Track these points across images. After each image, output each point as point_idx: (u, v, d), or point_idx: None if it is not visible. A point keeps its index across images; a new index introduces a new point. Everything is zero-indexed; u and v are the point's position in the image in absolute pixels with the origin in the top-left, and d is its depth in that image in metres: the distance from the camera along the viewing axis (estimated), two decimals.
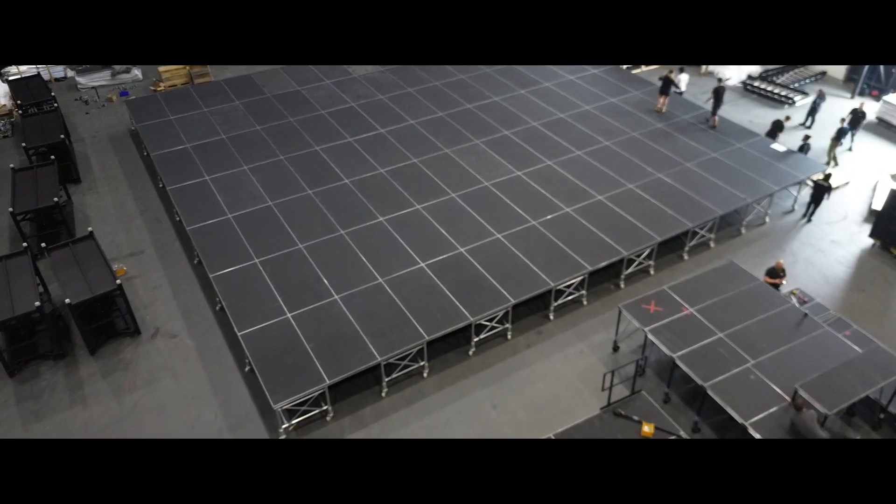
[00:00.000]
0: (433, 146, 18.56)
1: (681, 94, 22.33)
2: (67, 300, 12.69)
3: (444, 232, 15.22)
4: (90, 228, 14.90)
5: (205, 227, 15.46)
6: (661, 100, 20.22)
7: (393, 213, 15.89)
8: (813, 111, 21.55)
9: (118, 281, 13.17)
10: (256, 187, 16.84)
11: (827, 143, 19.79)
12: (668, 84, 20.07)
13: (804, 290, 14.48)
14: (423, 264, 14.28)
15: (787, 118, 20.00)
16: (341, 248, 14.76)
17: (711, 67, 24.62)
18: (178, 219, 16.84)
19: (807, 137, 19.18)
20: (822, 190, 17.01)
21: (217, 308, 14.54)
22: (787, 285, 14.31)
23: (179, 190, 16.74)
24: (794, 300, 13.58)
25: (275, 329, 12.69)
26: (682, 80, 22.60)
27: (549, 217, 15.66)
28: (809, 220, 17.28)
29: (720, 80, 20.02)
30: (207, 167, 17.65)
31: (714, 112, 19.56)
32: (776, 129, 19.64)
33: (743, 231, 16.84)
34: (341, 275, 13.99)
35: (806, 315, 12.47)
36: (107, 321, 13.74)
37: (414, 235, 15.13)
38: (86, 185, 18.84)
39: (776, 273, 14.15)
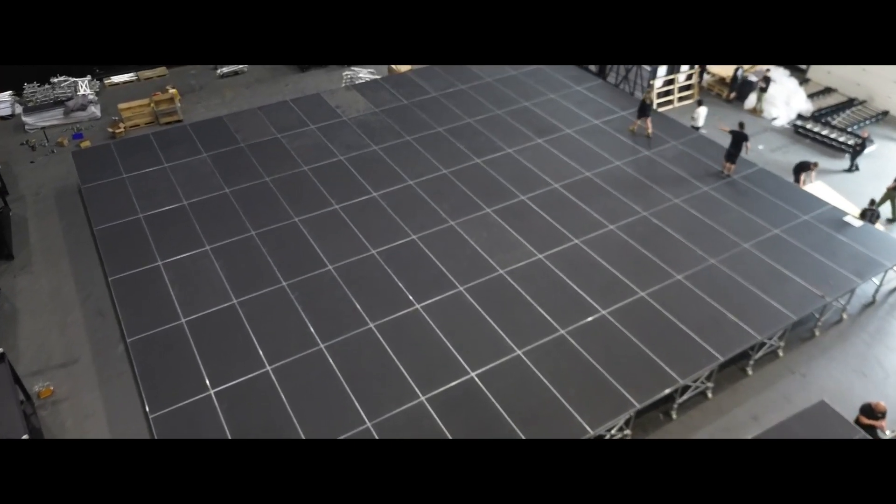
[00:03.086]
0: (436, 216, 15.42)
1: (697, 129, 19.49)
2: None
3: (449, 346, 12.12)
4: (1, 350, 11.77)
5: (151, 337, 12.35)
6: (638, 122, 18.43)
7: (386, 315, 12.78)
8: (855, 154, 18.61)
9: (25, 436, 10.08)
10: (219, 277, 13.71)
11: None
12: (645, 107, 18.15)
13: None
14: (423, 398, 11.19)
15: (816, 164, 17.75)
16: (320, 371, 11.67)
17: (763, 104, 21.37)
18: None
19: (872, 203, 16.12)
20: None
21: None
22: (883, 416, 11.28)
23: (124, 282, 13.60)
24: None
25: None
26: (700, 113, 19.66)
27: (581, 323, 12.56)
28: None
29: (741, 123, 16.91)
30: (161, 247, 14.50)
31: (728, 159, 16.67)
32: (800, 170, 17.50)
33: (817, 333, 13.74)
34: (318, 414, 10.91)
35: None
36: None
37: (412, 352, 12.03)
38: (18, 263, 15.69)
39: (874, 414, 11.10)
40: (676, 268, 13.86)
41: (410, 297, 13.19)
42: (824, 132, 19.96)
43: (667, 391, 11.35)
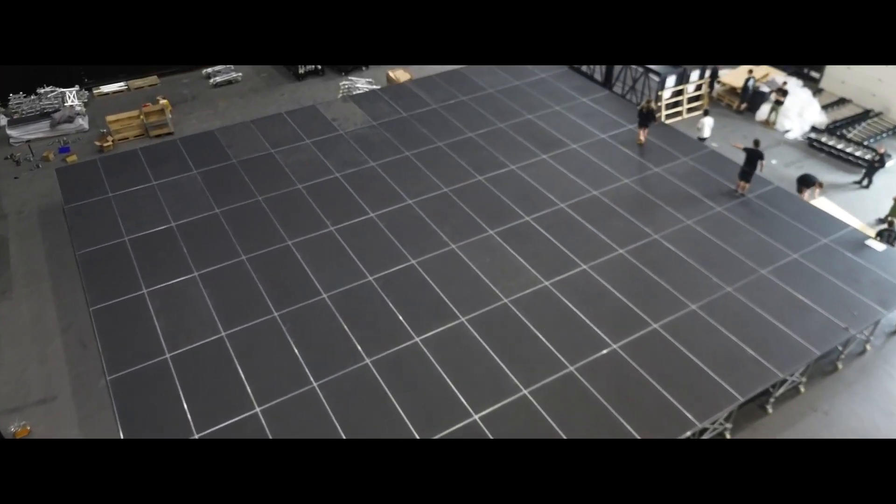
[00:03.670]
0: (436, 239, 14.67)
1: (703, 140, 18.90)
2: None
3: (451, 385, 11.38)
4: None
5: (133, 375, 11.61)
6: (641, 133, 17.75)
7: (383, 350, 12.04)
8: (871, 170, 17.86)
9: None
10: (207, 306, 12.96)
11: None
12: (646, 116, 17.52)
13: None
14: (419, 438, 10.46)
15: (821, 184, 17.15)
16: (312, 413, 10.92)
17: (777, 116, 20.55)
18: None
19: (891, 224, 15.37)
20: None
21: None
22: None
23: (106, 312, 12.85)
24: None
25: None
26: (706, 124, 18.97)
27: (591, 359, 11.82)
28: None
29: (757, 141, 16.08)
30: (147, 273, 13.75)
31: (742, 177, 15.81)
32: (804, 184, 16.89)
33: (840, 366, 13.00)
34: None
35: None
36: None
37: (410, 392, 11.29)
38: None
39: None
40: (691, 296, 13.11)
41: (409, 329, 12.45)
42: (839, 146, 19.21)
43: (686, 434, 10.61)
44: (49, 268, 15.50)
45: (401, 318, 12.70)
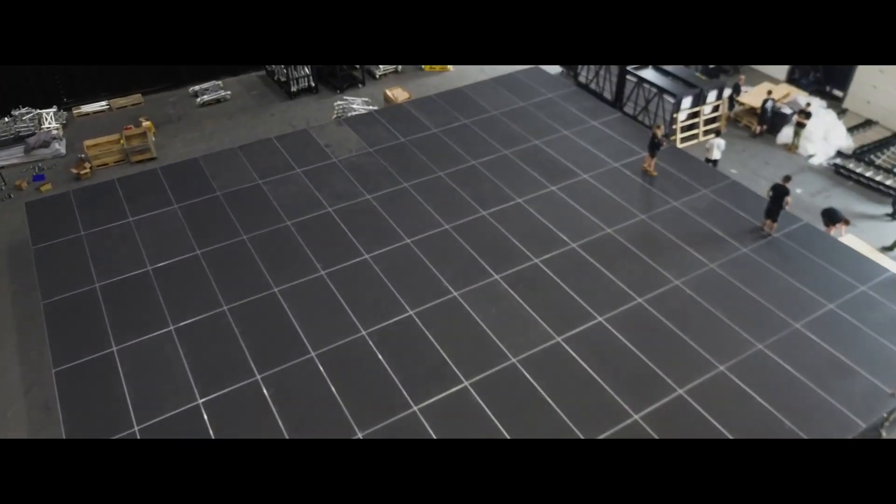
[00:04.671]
0: (436, 285, 13.41)
1: (714, 163, 17.76)
2: None
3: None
4: None
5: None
6: (648, 160, 16.62)
7: (377, 422, 10.79)
8: None
9: None
10: (183, 368, 11.70)
11: None
12: (651, 143, 16.36)
13: None
14: None
15: (847, 221, 15.42)
16: None
17: (800, 140, 19.21)
18: None
19: None
20: None
21: None
22: None
23: (70, 374, 11.60)
24: None
25: None
26: (716, 145, 17.73)
27: (610, 433, 10.56)
28: None
29: (788, 177, 14.79)
30: (118, 327, 12.50)
31: (769, 216, 14.62)
32: (829, 219, 15.39)
33: (883, 433, 11.74)
34: None
35: None
36: None
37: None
38: None
39: None
40: (718, 355, 11.85)
41: (406, 396, 11.20)
42: (868, 173, 17.92)
43: None
44: (15, 316, 14.21)
45: (397, 381, 11.44)
